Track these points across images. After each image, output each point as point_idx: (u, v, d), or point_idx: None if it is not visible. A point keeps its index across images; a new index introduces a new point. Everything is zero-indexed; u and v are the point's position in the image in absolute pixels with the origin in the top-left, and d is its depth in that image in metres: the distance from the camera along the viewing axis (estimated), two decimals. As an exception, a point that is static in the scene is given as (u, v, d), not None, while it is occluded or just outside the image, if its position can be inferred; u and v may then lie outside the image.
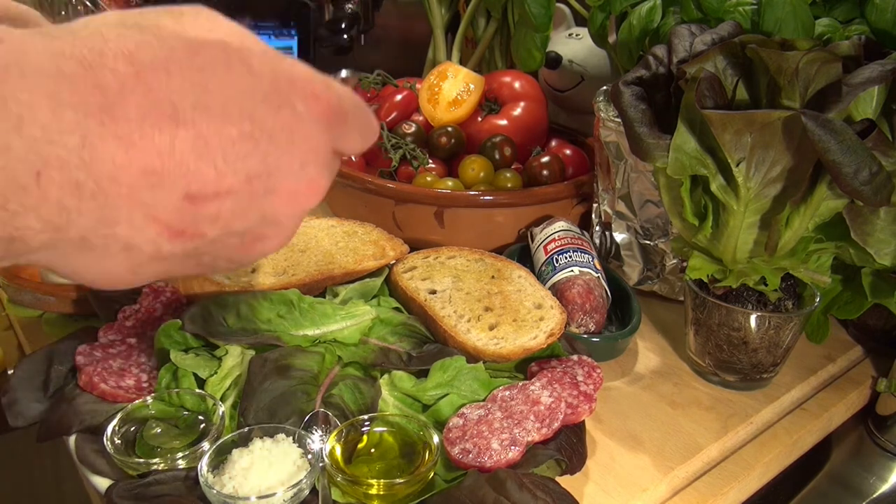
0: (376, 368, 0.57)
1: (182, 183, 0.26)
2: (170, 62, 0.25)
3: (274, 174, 0.29)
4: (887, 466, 0.62)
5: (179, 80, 0.26)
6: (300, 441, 0.48)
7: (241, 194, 0.28)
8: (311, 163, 0.30)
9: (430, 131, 0.90)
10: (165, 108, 0.25)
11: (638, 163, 0.69)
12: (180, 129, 0.25)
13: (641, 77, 0.58)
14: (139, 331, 0.58)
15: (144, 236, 0.27)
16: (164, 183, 0.26)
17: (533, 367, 0.56)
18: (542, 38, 0.91)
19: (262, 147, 0.28)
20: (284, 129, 0.28)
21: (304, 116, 0.29)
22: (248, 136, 0.27)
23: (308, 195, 0.31)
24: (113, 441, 0.48)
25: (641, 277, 0.74)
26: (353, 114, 0.32)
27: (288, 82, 0.29)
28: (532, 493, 0.43)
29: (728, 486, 0.53)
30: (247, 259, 0.31)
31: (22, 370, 0.54)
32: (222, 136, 0.26)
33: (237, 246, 0.30)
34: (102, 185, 0.24)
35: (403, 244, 0.70)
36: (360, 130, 0.33)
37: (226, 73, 0.27)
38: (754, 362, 0.61)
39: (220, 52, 0.27)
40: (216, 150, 0.26)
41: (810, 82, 0.49)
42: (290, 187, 0.30)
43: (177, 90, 0.25)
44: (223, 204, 0.28)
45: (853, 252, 0.56)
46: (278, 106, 0.28)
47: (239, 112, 0.27)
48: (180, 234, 0.27)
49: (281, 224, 0.31)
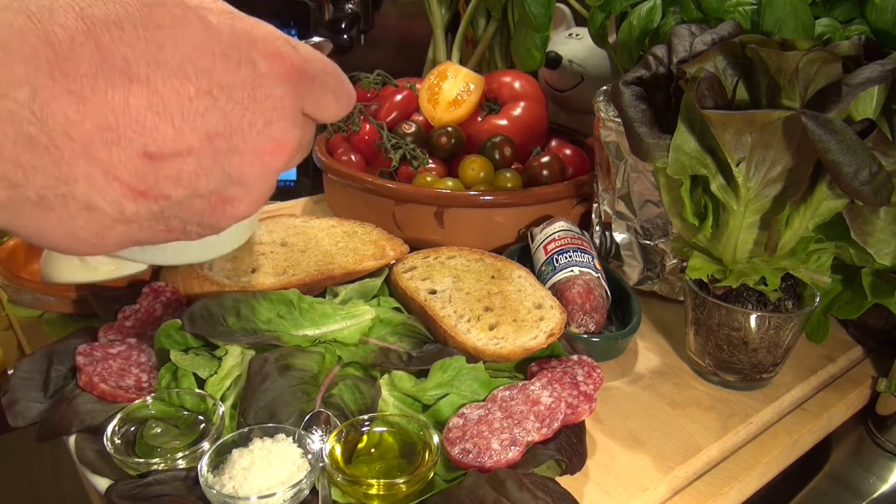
0: (376, 368, 0.57)
1: (139, 140, 0.26)
2: (123, 18, 0.25)
3: (236, 132, 0.28)
4: (887, 466, 0.62)
5: (133, 36, 0.25)
6: (300, 441, 0.48)
7: (202, 152, 0.27)
8: (275, 121, 0.29)
9: (430, 131, 0.90)
10: (118, 64, 0.25)
11: (638, 163, 0.69)
12: (134, 84, 0.25)
13: (641, 77, 0.58)
14: (139, 331, 0.58)
15: (105, 195, 0.26)
16: (121, 140, 0.25)
17: (533, 367, 0.56)
18: (542, 38, 0.91)
19: (222, 104, 0.27)
20: (245, 85, 0.28)
21: (266, 74, 0.29)
22: (206, 92, 0.27)
23: (274, 154, 0.30)
24: (113, 441, 0.48)
25: (641, 277, 0.74)
26: (321, 76, 0.31)
27: (248, 40, 0.28)
28: (532, 493, 0.43)
29: (728, 486, 0.53)
30: (217, 223, 0.31)
31: (22, 370, 0.54)
32: (179, 92, 0.26)
33: (205, 209, 0.29)
34: (56, 140, 0.24)
35: (403, 244, 0.70)
36: (334, 94, 0.32)
37: (182, 29, 0.26)
38: (754, 362, 0.61)
39: (176, 9, 0.26)
40: (173, 107, 0.26)
41: (810, 82, 0.49)
42: (253, 145, 0.29)
43: (130, 46, 0.25)
44: (184, 162, 0.27)
45: (853, 252, 0.56)
46: (238, 62, 0.28)
47: (196, 69, 0.26)
48: (143, 194, 0.27)
49: (248, 185, 0.30)
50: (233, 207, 0.30)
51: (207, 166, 0.28)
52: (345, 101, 0.33)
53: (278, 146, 0.30)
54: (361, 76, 0.99)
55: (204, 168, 0.28)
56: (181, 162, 0.27)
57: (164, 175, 0.27)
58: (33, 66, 0.23)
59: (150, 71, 0.25)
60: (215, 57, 0.27)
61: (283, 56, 0.29)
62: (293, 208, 1.01)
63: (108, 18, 0.25)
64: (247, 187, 0.30)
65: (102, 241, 0.28)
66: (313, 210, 1.00)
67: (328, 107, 0.32)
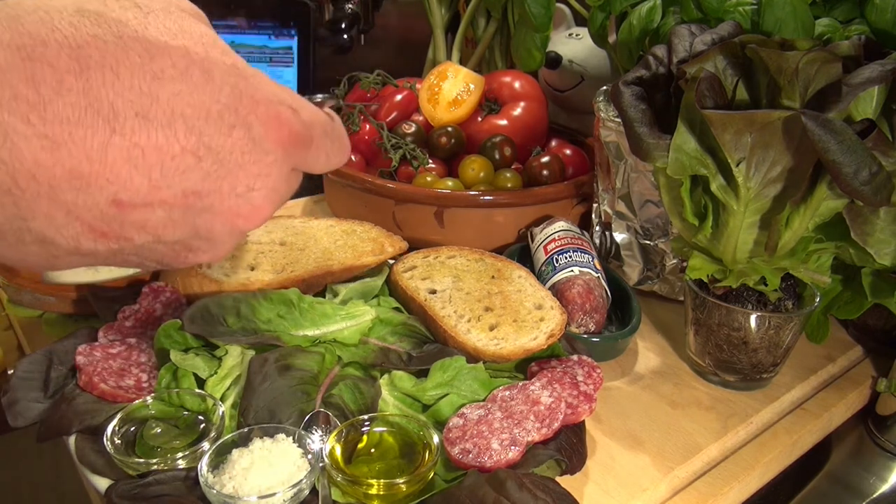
0: (376, 368, 0.57)
1: (110, 189, 0.25)
2: (120, 63, 0.24)
3: (214, 193, 0.27)
4: (887, 466, 0.62)
5: (127, 84, 0.24)
6: (300, 441, 0.48)
7: (174, 207, 0.27)
8: (258, 188, 0.28)
9: (430, 131, 0.90)
10: (104, 111, 0.24)
11: (638, 163, 0.69)
12: (116, 136, 0.24)
13: (641, 77, 0.58)
14: (139, 331, 0.58)
15: (63, 233, 0.25)
16: (91, 187, 0.25)
17: (533, 367, 0.56)
18: (542, 38, 0.91)
19: (206, 165, 0.26)
20: (234, 150, 0.27)
21: (260, 140, 0.28)
22: (191, 152, 0.26)
23: (248, 218, 0.29)
24: (113, 441, 0.48)
25: (641, 277, 0.74)
26: (318, 140, 0.30)
27: (250, 101, 0.27)
28: (532, 493, 0.43)
29: (728, 486, 0.53)
30: (175, 265, 0.30)
31: (22, 370, 0.54)
32: (163, 149, 0.25)
33: (166, 253, 0.29)
34: (20, 182, 0.23)
35: (402, 241, 0.70)
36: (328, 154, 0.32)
37: (181, 83, 0.25)
38: (754, 362, 0.61)
39: (180, 60, 0.25)
40: (153, 162, 0.25)
41: (810, 82, 0.49)
42: (229, 208, 0.28)
43: (121, 95, 0.24)
44: (153, 214, 0.26)
45: (853, 252, 0.56)
46: (231, 125, 0.27)
47: (186, 127, 0.25)
48: (104, 235, 0.26)
49: (214, 241, 0.29)
50: (195, 256, 0.30)
51: (176, 220, 0.27)
52: (337, 158, 0.33)
53: (255, 211, 0.29)
54: (361, 76, 0.99)
55: (173, 221, 0.27)
56: (150, 212, 0.26)
57: (129, 221, 0.26)
58: (8, 110, 0.22)
59: (137, 123, 0.24)
60: (209, 116, 0.26)
61: (282, 122, 0.28)
62: (293, 208, 1.01)
63: (104, 62, 0.24)
64: (213, 242, 0.29)
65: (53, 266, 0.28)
66: (313, 210, 1.00)
67: (319, 164, 0.32)
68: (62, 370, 0.55)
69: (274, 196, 0.30)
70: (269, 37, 1.17)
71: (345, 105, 0.95)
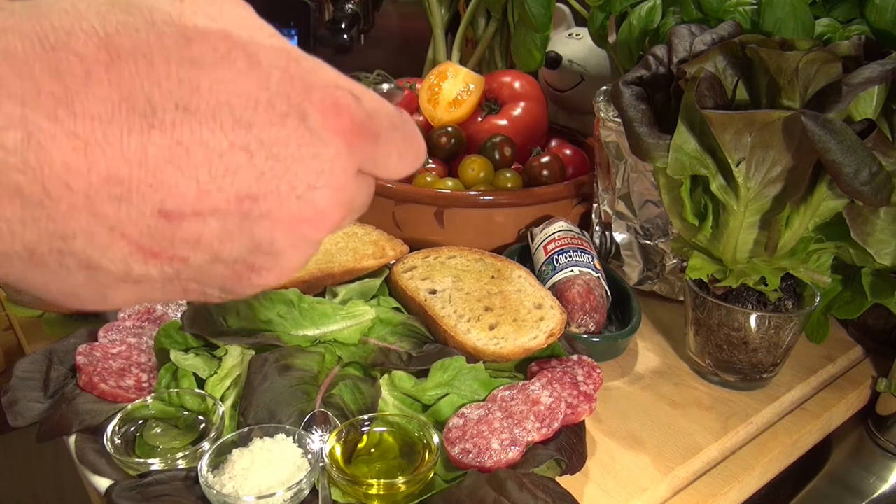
0: (376, 368, 0.57)
1: (155, 196, 0.22)
2: (154, 51, 0.22)
3: (271, 195, 0.24)
4: (887, 466, 0.62)
5: (164, 72, 0.22)
6: (300, 441, 0.48)
7: (228, 215, 0.24)
8: (321, 186, 0.25)
9: (430, 131, 0.90)
10: (139, 105, 0.21)
11: (638, 163, 0.69)
12: (156, 131, 0.22)
13: (641, 77, 0.58)
14: (139, 331, 0.58)
15: (109, 255, 0.23)
16: (132, 195, 0.22)
17: (533, 367, 0.56)
18: (542, 38, 0.91)
19: (259, 162, 0.23)
20: (289, 142, 0.24)
21: (318, 129, 0.24)
22: (241, 147, 0.23)
23: (313, 223, 0.25)
24: (113, 441, 0.48)
25: (641, 277, 0.74)
26: (386, 134, 0.27)
27: (303, 87, 0.24)
28: (532, 493, 0.43)
29: (728, 486, 0.53)
30: (241, 290, 0.27)
31: (22, 370, 0.54)
32: (209, 145, 0.22)
33: (227, 275, 0.26)
34: (51, 190, 0.21)
35: (403, 244, 0.70)
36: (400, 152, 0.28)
37: (224, 69, 0.23)
38: (754, 362, 0.61)
39: (221, 44, 0.23)
40: (200, 161, 0.22)
41: (810, 82, 0.49)
42: (290, 212, 0.25)
43: (158, 85, 0.22)
44: (206, 224, 0.23)
45: (853, 252, 0.56)
46: (284, 114, 0.24)
47: (234, 118, 0.23)
48: (155, 255, 0.23)
49: (278, 255, 0.26)
50: (259, 277, 0.26)
51: (233, 231, 0.24)
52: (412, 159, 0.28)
53: (319, 215, 0.25)
54: (361, 76, 0.99)
55: (228, 232, 0.24)
56: (202, 224, 0.23)
57: (181, 237, 0.23)
58: (32, 105, 0.20)
59: (178, 117, 0.22)
60: (259, 105, 0.23)
61: (341, 109, 0.25)
62: (293, 208, 1.01)
63: (136, 50, 0.21)
64: (277, 257, 0.26)
65: (106, 301, 0.25)
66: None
67: (391, 166, 0.28)
68: (62, 370, 0.55)
69: (341, 197, 0.26)
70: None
71: (345, 105, 0.95)
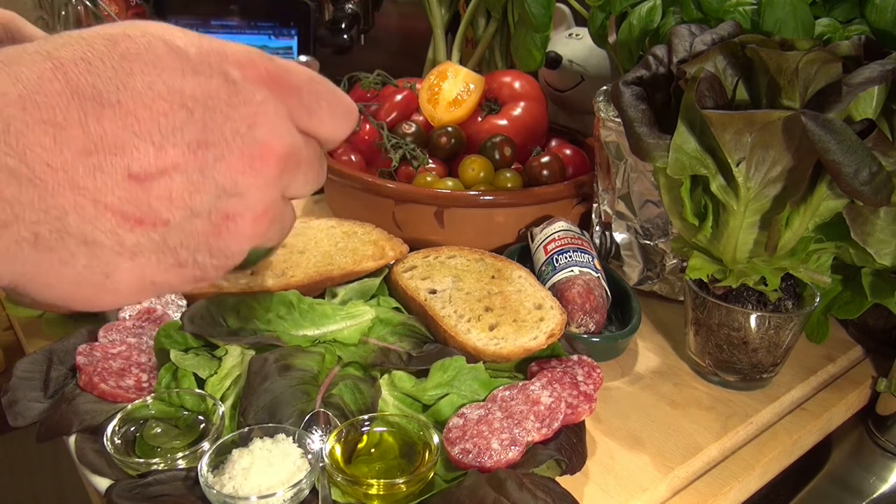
0: (376, 368, 0.57)
1: (121, 162, 0.26)
2: (89, 54, 0.26)
3: (219, 141, 0.28)
4: (887, 466, 0.62)
5: (100, 67, 0.26)
6: (300, 441, 0.48)
7: (188, 166, 0.27)
8: (259, 125, 0.29)
9: (430, 131, 0.90)
10: (88, 92, 0.25)
11: (638, 163, 0.69)
12: (106, 109, 0.25)
13: (641, 77, 0.58)
14: (139, 331, 0.58)
15: (100, 226, 0.26)
16: (103, 164, 0.26)
17: (533, 367, 0.56)
18: (542, 38, 0.91)
19: (199, 115, 0.27)
20: (220, 94, 0.28)
21: (241, 81, 0.28)
22: (180, 106, 0.27)
23: (264, 159, 0.29)
24: (113, 441, 0.48)
25: (641, 277, 0.74)
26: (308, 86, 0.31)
27: (219, 54, 0.28)
28: (532, 493, 0.43)
29: (728, 486, 0.53)
30: (225, 245, 0.30)
31: (22, 370, 0.54)
32: (153, 109, 0.26)
33: (208, 230, 0.29)
34: (37, 170, 0.24)
35: (403, 244, 0.70)
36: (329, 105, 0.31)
37: (149, 55, 0.27)
38: (754, 362, 0.61)
39: (141, 38, 0.27)
40: (149, 125, 0.26)
41: (810, 82, 0.49)
42: (240, 152, 0.28)
43: (98, 76, 0.26)
44: (172, 180, 0.27)
45: (853, 252, 0.56)
46: (209, 75, 0.28)
47: (167, 87, 0.27)
48: (139, 221, 0.27)
49: (245, 195, 0.29)
50: (235, 224, 0.29)
51: (197, 180, 0.28)
52: (343, 113, 0.32)
53: (266, 150, 0.29)
54: (361, 76, 0.99)
55: (194, 183, 0.28)
56: (169, 180, 0.27)
57: (155, 196, 0.27)
58: (3, 102, 0.24)
59: (121, 95, 0.26)
60: (185, 74, 0.27)
61: (255, 62, 0.29)
62: (293, 208, 1.01)
63: (75, 56, 0.26)
64: (244, 198, 0.29)
65: (114, 284, 0.28)
66: (313, 210, 1.00)
67: (325, 121, 0.31)
68: (62, 370, 0.55)
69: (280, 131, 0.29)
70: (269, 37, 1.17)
71: (345, 105, 0.95)
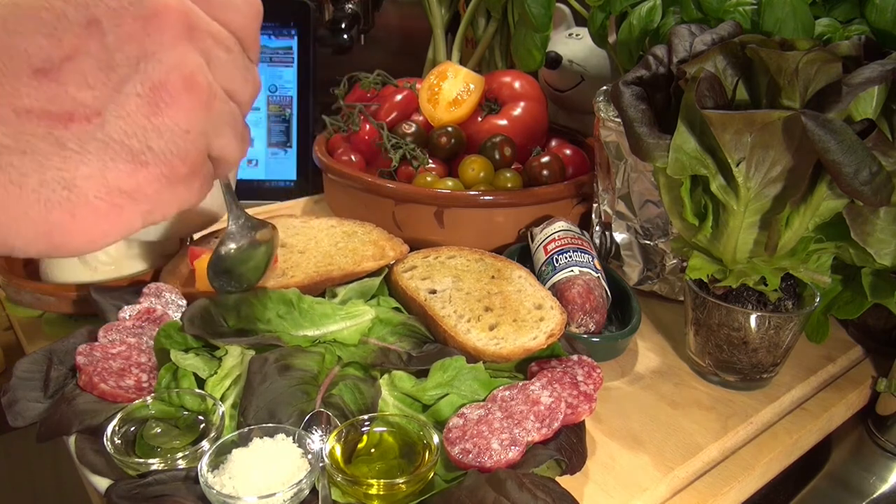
0: (376, 368, 0.57)
1: (21, 62, 0.26)
2: None
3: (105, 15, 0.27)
4: (887, 466, 0.62)
5: None
6: (300, 441, 0.48)
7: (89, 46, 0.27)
8: None
9: (430, 131, 0.90)
10: None
11: (638, 163, 0.69)
12: None
13: (641, 77, 0.58)
14: (139, 331, 0.58)
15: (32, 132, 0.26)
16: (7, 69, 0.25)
17: (533, 367, 0.56)
18: (542, 38, 0.91)
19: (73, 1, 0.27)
20: None
21: None
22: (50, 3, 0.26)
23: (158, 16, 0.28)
24: (113, 441, 0.48)
25: (641, 277, 0.74)
26: None
27: None
28: (532, 493, 0.43)
29: (728, 486, 0.53)
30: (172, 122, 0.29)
31: (22, 370, 0.54)
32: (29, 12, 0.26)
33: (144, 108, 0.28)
34: None
35: (403, 244, 0.70)
36: None
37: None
38: (754, 362, 0.61)
39: None
40: (30, 24, 0.26)
41: (810, 82, 0.49)
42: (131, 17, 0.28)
43: None
44: (80, 63, 0.27)
45: (853, 252, 0.56)
46: None
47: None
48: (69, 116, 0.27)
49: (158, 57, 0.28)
50: (168, 92, 0.29)
51: (104, 57, 0.27)
52: None
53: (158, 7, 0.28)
54: (361, 76, 0.99)
55: (102, 60, 0.27)
56: (76, 64, 0.27)
57: (71, 85, 0.27)
58: None
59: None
60: None
61: None
62: (293, 208, 1.01)
63: None
64: (161, 61, 0.29)
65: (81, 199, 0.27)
66: (313, 210, 1.00)
67: None
68: (62, 370, 0.55)
69: None
70: (269, 36, 1.17)
71: (345, 105, 0.95)
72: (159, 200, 0.30)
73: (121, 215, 0.29)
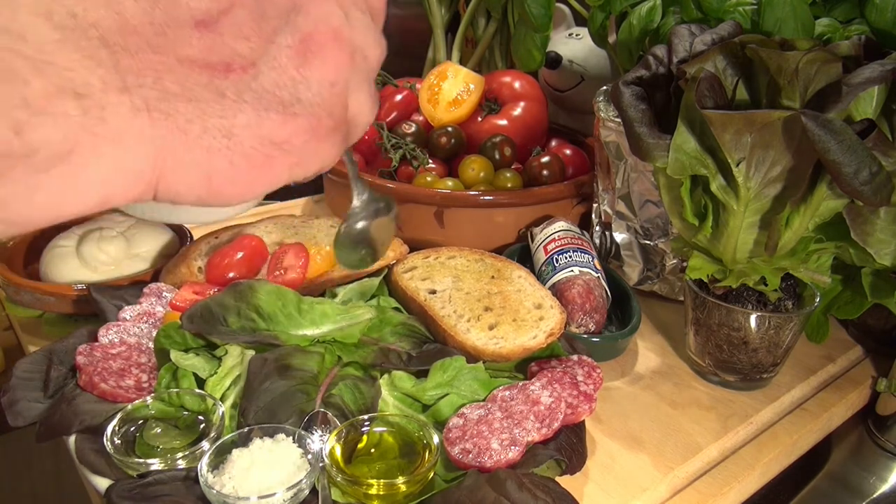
0: (376, 368, 0.57)
1: (181, 14, 0.26)
2: None
3: None
4: (887, 466, 0.62)
5: None
6: (300, 441, 0.48)
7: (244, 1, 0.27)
8: None
9: (430, 131, 0.90)
10: None
11: (638, 163, 0.69)
12: None
13: (641, 77, 0.58)
14: (139, 331, 0.58)
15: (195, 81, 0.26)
16: (168, 22, 0.26)
17: (533, 367, 0.56)
18: (542, 38, 0.91)
19: None
20: None
21: None
22: None
23: None
24: (113, 441, 0.48)
25: (641, 277, 0.74)
26: None
27: None
28: (532, 493, 0.43)
29: (728, 486, 0.53)
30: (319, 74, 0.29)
31: (22, 370, 0.54)
32: None
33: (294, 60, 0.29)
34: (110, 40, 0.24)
35: (403, 245, 0.70)
36: None
37: None
38: (754, 362, 0.61)
39: None
40: None
41: (810, 82, 0.49)
42: None
43: None
44: (236, 16, 0.27)
45: (853, 252, 0.56)
46: None
47: None
48: (228, 67, 0.27)
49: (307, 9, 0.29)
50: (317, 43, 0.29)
51: (256, 9, 0.28)
52: None
53: None
54: (361, 76, 0.99)
55: (254, 12, 0.28)
56: (233, 16, 0.27)
57: (229, 37, 0.27)
58: None
59: None
60: None
61: None
62: (293, 208, 1.01)
63: None
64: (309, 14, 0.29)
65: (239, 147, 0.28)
66: (313, 210, 1.00)
67: None
68: (62, 370, 0.55)
69: None
70: (270, 37, 1.18)
71: (345, 105, 0.95)
72: (305, 153, 0.30)
73: (272, 167, 0.29)
